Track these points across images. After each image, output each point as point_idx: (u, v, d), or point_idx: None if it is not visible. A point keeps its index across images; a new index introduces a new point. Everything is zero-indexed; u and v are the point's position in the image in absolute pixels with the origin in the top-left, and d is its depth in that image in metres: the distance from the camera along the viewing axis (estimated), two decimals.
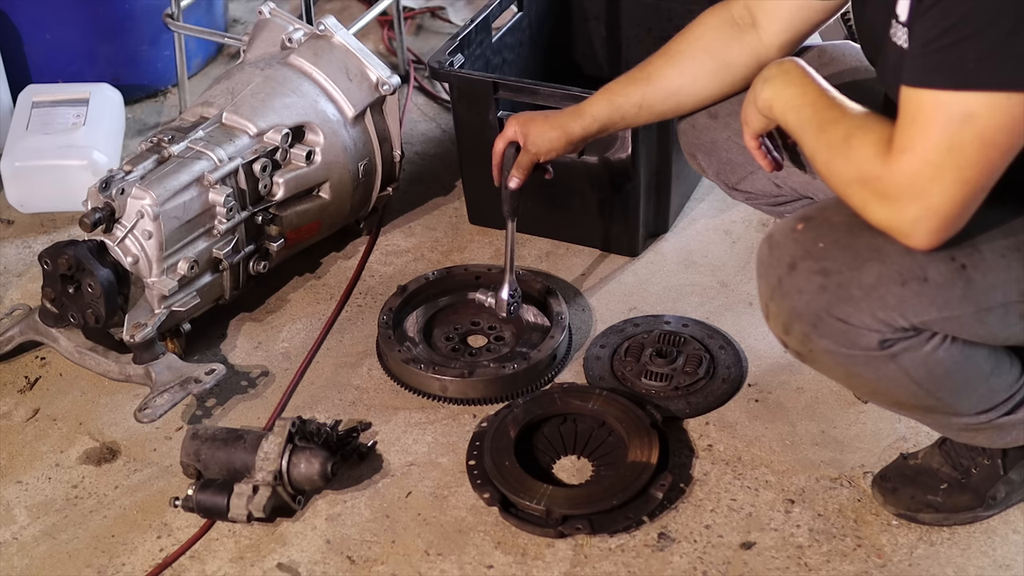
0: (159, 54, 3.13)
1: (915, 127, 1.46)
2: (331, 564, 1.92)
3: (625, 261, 2.53)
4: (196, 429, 2.03)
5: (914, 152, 1.46)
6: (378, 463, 2.09)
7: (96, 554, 1.97)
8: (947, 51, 1.43)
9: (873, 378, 1.69)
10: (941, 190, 1.47)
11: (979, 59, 1.41)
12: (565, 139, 2.08)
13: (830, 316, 1.61)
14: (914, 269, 1.56)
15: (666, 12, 2.85)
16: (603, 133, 2.09)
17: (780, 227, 1.68)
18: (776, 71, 1.73)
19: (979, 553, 1.88)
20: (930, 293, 1.57)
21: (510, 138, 2.13)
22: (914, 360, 1.63)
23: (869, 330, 1.60)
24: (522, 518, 1.95)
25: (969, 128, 1.43)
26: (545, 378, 2.23)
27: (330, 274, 2.55)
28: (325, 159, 2.41)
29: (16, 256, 2.65)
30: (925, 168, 1.46)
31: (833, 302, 1.60)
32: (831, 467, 2.04)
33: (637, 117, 2.05)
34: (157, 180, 2.20)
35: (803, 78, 1.70)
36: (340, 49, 2.47)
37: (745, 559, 1.89)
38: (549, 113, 2.12)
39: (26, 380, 2.31)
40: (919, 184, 1.47)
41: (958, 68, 1.42)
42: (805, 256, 1.62)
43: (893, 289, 1.57)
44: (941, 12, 1.44)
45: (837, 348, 1.64)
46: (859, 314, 1.60)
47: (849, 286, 1.59)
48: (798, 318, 1.64)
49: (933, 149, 1.45)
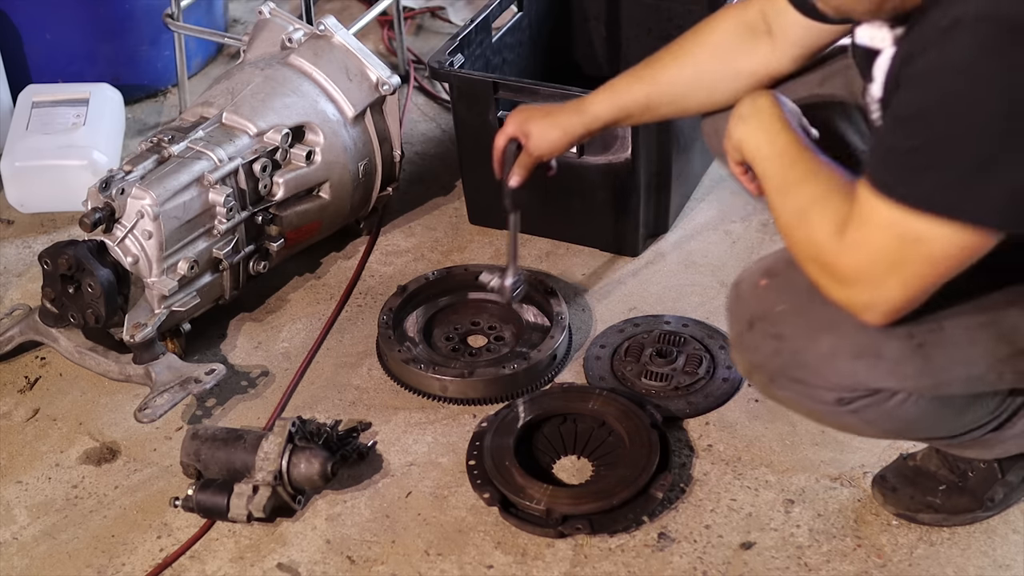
0: (159, 54, 3.13)
1: (867, 229, 1.43)
2: (331, 564, 1.92)
3: (625, 261, 2.53)
4: (196, 429, 2.03)
5: (864, 252, 1.45)
6: (378, 463, 2.09)
7: (96, 554, 1.97)
8: (908, 169, 1.40)
9: (834, 423, 1.71)
10: (889, 287, 1.45)
11: (937, 187, 1.38)
12: (567, 140, 2.06)
13: (785, 377, 1.63)
14: (868, 345, 1.55)
15: (666, 12, 2.85)
16: (605, 130, 2.07)
17: (748, 276, 1.68)
18: (749, 110, 1.69)
19: (979, 553, 1.88)
20: (885, 367, 1.57)
21: (511, 134, 2.10)
22: (877, 413, 1.63)
23: (826, 389, 1.61)
24: (522, 518, 1.95)
25: (918, 249, 1.41)
26: (545, 378, 2.23)
27: (330, 274, 2.55)
28: (325, 159, 2.41)
29: (16, 256, 2.65)
30: (873, 268, 1.45)
31: (788, 366, 1.62)
32: (831, 467, 2.04)
33: (641, 117, 2.03)
34: (157, 180, 2.20)
35: (774, 124, 1.65)
36: (340, 49, 2.47)
37: (745, 559, 1.89)
38: (550, 109, 2.09)
39: (26, 380, 2.31)
40: (869, 277, 1.46)
41: (915, 188, 1.39)
42: (763, 317, 1.63)
43: (846, 361, 1.58)
44: (906, 131, 1.40)
45: (796, 399, 1.66)
46: (814, 379, 1.61)
47: (803, 353, 1.60)
48: (756, 371, 1.67)
49: (880, 258, 1.44)
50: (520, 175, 2.11)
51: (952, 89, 1.35)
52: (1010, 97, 1.32)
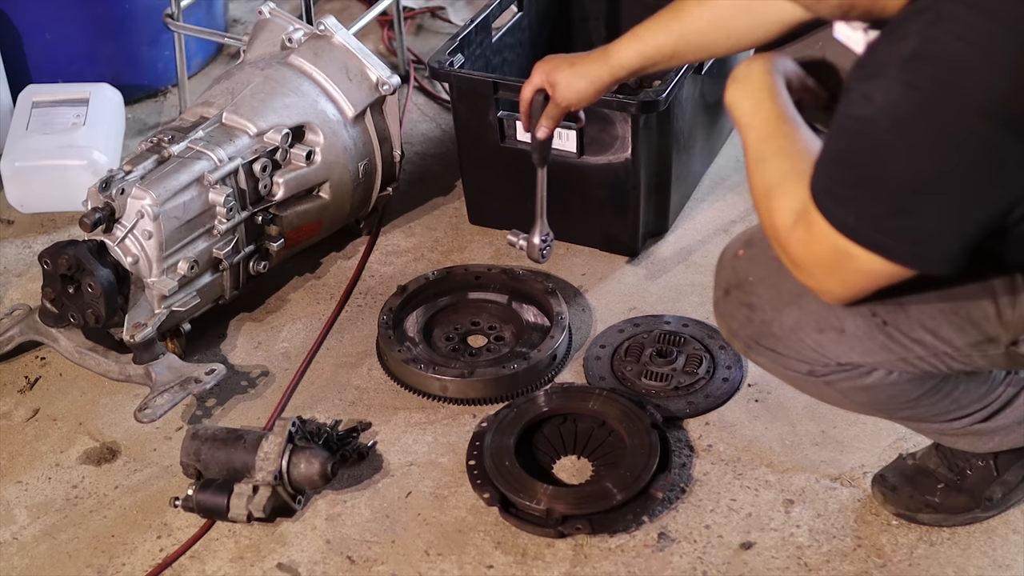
0: (159, 54, 3.13)
1: (810, 233, 1.44)
2: (331, 564, 1.92)
3: (625, 261, 2.53)
4: (196, 429, 2.03)
5: (808, 251, 1.46)
6: (378, 463, 2.09)
7: (96, 554, 1.97)
8: (837, 196, 1.41)
9: (812, 392, 1.73)
10: (832, 285, 1.48)
11: (860, 221, 1.39)
12: (594, 89, 2.00)
13: (759, 345, 1.66)
14: (831, 319, 1.58)
15: None
16: (634, 76, 2.01)
17: (730, 245, 1.71)
18: (742, 73, 1.67)
19: (979, 553, 1.88)
20: (848, 342, 1.59)
21: (537, 85, 2.05)
22: (852, 387, 1.65)
23: (797, 360, 1.64)
24: (522, 518, 1.95)
25: (851, 263, 1.42)
26: (545, 378, 2.23)
27: (330, 274, 2.55)
28: (325, 159, 2.41)
29: (16, 256, 2.65)
30: (816, 267, 1.47)
31: (759, 335, 1.65)
32: (831, 467, 2.04)
33: (668, 63, 1.97)
34: (157, 180, 2.20)
35: (761, 92, 1.63)
36: (340, 49, 2.47)
37: (745, 559, 1.89)
38: (575, 58, 2.02)
39: (26, 380, 2.31)
40: (813, 273, 1.48)
41: (843, 215, 1.40)
42: (737, 287, 1.67)
43: (811, 334, 1.60)
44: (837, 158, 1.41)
45: (773, 366, 1.70)
46: (783, 349, 1.64)
47: (771, 324, 1.63)
48: (734, 337, 1.71)
49: (820, 260, 1.46)
50: (548, 126, 2.08)
51: (876, 135, 1.35)
52: (930, 149, 1.33)
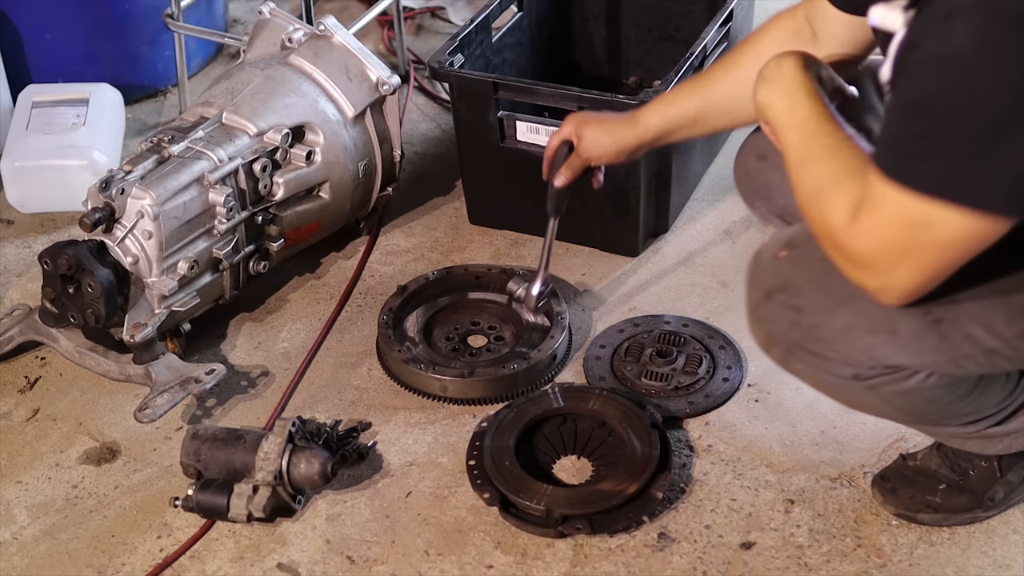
0: (159, 54, 3.13)
1: (878, 216, 1.42)
2: (331, 564, 1.92)
3: (625, 261, 2.53)
4: (196, 429, 2.03)
5: (875, 239, 1.44)
6: (378, 463, 2.09)
7: (96, 554, 1.97)
8: (913, 156, 1.39)
9: (851, 400, 1.72)
10: (900, 275, 1.45)
11: (942, 174, 1.37)
12: (617, 148, 2.04)
13: (803, 349, 1.63)
14: (884, 321, 1.55)
15: (666, 12, 2.85)
16: (658, 143, 2.04)
17: (768, 247, 1.67)
18: (773, 71, 1.65)
19: (979, 553, 1.88)
20: (900, 344, 1.57)
21: (565, 136, 2.09)
22: (893, 392, 1.64)
23: (843, 365, 1.62)
24: (522, 518, 1.95)
25: (928, 235, 1.40)
26: (545, 378, 2.23)
27: (330, 274, 2.55)
28: (325, 159, 2.41)
29: (16, 256, 2.65)
30: (884, 256, 1.44)
31: (805, 339, 1.62)
32: (831, 467, 2.04)
33: (692, 129, 2.00)
34: (157, 180, 2.20)
35: (797, 89, 1.61)
36: (340, 49, 2.47)
37: (745, 559, 1.89)
38: (606, 117, 2.08)
39: (26, 380, 2.31)
40: (879, 264, 1.45)
41: (921, 174, 1.38)
42: (781, 289, 1.62)
43: (862, 336, 1.57)
44: (909, 118, 1.39)
45: (814, 373, 1.66)
46: (830, 353, 1.61)
47: (819, 327, 1.60)
48: (774, 343, 1.67)
49: (891, 245, 1.43)
50: (567, 176, 2.10)
51: (950, 79, 1.35)
52: (1006, 86, 1.32)
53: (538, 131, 2.44)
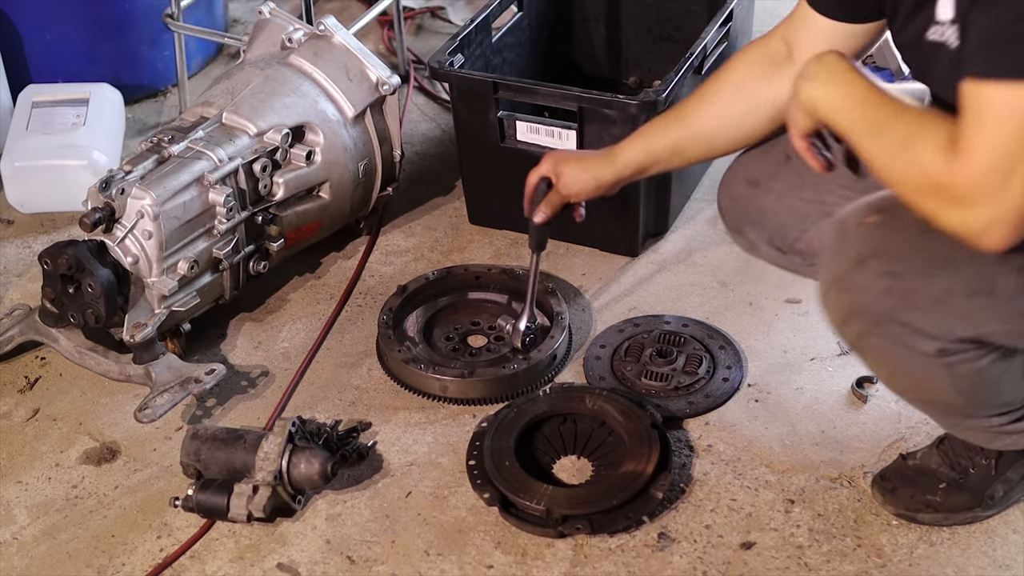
0: (159, 54, 3.13)
1: (982, 123, 1.38)
2: (331, 564, 1.92)
3: (625, 261, 2.54)
4: (196, 429, 2.03)
5: (983, 151, 1.39)
6: (378, 463, 2.09)
7: (96, 554, 1.97)
8: (1015, 42, 1.35)
9: (919, 378, 1.68)
10: (1015, 188, 1.39)
11: None
12: (594, 184, 2.07)
13: (893, 320, 1.59)
14: (983, 281, 1.53)
15: (666, 12, 2.85)
16: (637, 177, 2.06)
17: (851, 214, 1.63)
18: (817, 67, 1.63)
19: (979, 553, 1.88)
20: (995, 306, 1.54)
21: (544, 173, 2.13)
22: (967, 371, 1.62)
23: (931, 337, 1.58)
24: (522, 518, 1.95)
25: None
26: (545, 378, 2.23)
27: (330, 274, 2.55)
28: (325, 159, 2.41)
29: (16, 256, 2.65)
30: (996, 167, 1.38)
31: (899, 307, 1.57)
32: (831, 467, 2.04)
33: (671, 161, 2.01)
34: (157, 180, 2.20)
35: (846, 73, 1.60)
36: (340, 49, 2.47)
37: (745, 559, 1.89)
38: (585, 155, 2.13)
39: (26, 380, 2.31)
40: (991, 184, 1.39)
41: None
42: (875, 254, 1.58)
43: (960, 301, 1.55)
44: (1005, 9, 1.36)
45: (893, 348, 1.62)
46: (924, 322, 1.57)
47: (918, 293, 1.56)
48: (860, 314, 1.61)
49: (1003, 147, 1.38)
50: (545, 212, 2.13)
51: None
52: None
53: (538, 131, 2.44)
